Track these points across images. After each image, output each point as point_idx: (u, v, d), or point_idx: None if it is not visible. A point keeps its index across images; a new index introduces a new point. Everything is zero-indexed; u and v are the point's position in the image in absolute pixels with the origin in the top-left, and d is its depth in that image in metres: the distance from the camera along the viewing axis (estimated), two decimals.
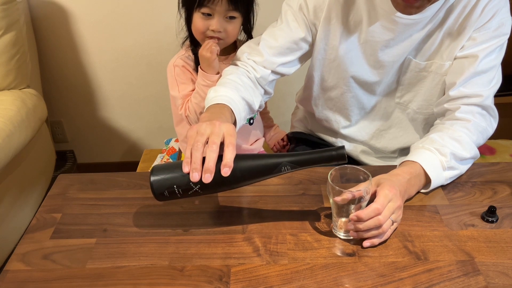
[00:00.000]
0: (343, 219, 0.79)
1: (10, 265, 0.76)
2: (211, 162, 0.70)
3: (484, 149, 1.58)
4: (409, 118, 1.08)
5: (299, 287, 0.71)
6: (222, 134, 0.73)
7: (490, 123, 0.98)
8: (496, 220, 0.83)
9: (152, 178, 0.75)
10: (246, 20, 1.14)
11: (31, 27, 1.74)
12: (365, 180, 0.78)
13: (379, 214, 0.74)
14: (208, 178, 0.70)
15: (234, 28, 1.10)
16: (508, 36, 0.95)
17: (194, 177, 0.70)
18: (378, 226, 0.75)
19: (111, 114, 2.04)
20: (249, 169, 0.74)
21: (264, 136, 1.40)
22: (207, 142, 0.72)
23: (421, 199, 0.88)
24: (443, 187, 0.91)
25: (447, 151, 0.88)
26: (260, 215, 0.85)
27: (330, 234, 0.81)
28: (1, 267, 1.33)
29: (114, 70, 1.91)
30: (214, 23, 1.07)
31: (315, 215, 0.85)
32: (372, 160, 1.17)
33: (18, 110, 1.51)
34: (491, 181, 0.93)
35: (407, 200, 0.87)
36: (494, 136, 1.04)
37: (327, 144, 1.22)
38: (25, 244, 0.81)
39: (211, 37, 1.09)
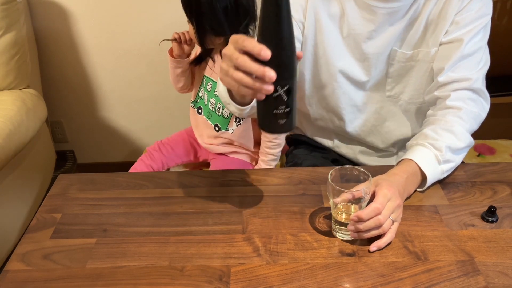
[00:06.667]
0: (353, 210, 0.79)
1: (10, 265, 0.76)
2: (260, 68, 0.62)
3: (484, 149, 1.58)
4: (402, 110, 1.08)
5: (299, 287, 0.71)
6: (241, 45, 0.65)
7: (482, 107, 0.97)
8: (496, 220, 0.83)
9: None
10: (199, 31, 1.16)
11: (31, 27, 1.74)
12: (365, 180, 0.78)
13: (379, 213, 0.74)
14: (270, 73, 0.61)
15: (190, 29, 1.20)
16: (490, 16, 0.95)
17: (269, 76, 0.61)
18: (378, 226, 0.75)
19: (111, 114, 2.04)
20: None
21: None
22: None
23: (421, 199, 0.88)
24: (443, 187, 0.91)
25: (442, 145, 0.88)
26: (260, 215, 0.85)
27: (330, 234, 0.81)
28: (1, 267, 1.33)
29: (114, 70, 1.91)
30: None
31: (315, 215, 0.85)
32: (371, 160, 1.17)
33: (18, 110, 1.51)
34: (491, 181, 0.93)
35: (407, 198, 0.87)
36: (494, 136, 1.04)
37: (325, 148, 1.22)
38: (25, 244, 0.81)
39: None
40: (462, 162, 1.07)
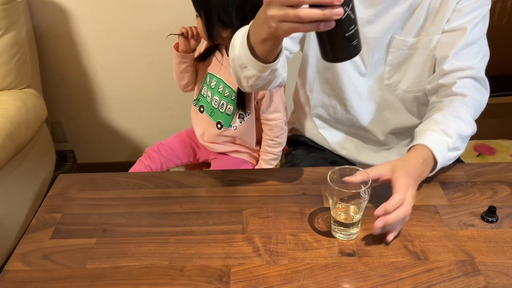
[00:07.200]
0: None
1: (10, 265, 0.76)
2: None
3: (484, 149, 1.58)
4: (399, 99, 1.08)
5: (299, 287, 0.71)
6: None
7: (483, 96, 0.99)
8: (496, 220, 0.83)
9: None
10: (207, 24, 1.16)
11: (31, 27, 1.74)
12: (364, 180, 0.78)
13: (403, 203, 0.75)
14: None
15: (198, 23, 1.20)
16: (489, 6, 0.97)
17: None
18: (405, 217, 0.75)
19: (111, 114, 2.04)
20: None
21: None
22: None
23: (421, 199, 0.88)
24: (443, 187, 0.91)
25: (453, 132, 0.89)
26: (260, 215, 0.85)
27: (330, 234, 0.81)
28: (1, 267, 1.33)
29: (114, 70, 1.91)
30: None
31: (315, 215, 0.85)
32: (371, 158, 1.16)
33: (18, 110, 1.51)
34: (491, 181, 0.93)
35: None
36: (494, 136, 1.04)
37: (324, 149, 1.21)
38: (25, 244, 0.81)
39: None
40: (462, 162, 1.07)
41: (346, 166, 0.81)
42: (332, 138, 1.18)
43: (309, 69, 1.09)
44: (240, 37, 0.80)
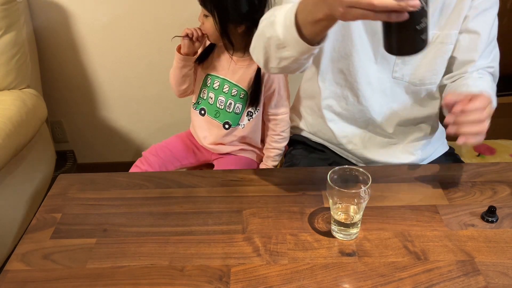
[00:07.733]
0: None
1: (10, 265, 0.76)
2: None
3: (484, 149, 1.58)
4: (408, 92, 1.08)
5: (299, 287, 0.71)
6: None
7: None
8: (496, 220, 0.83)
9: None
10: (222, 23, 1.16)
11: (31, 27, 1.74)
12: (364, 180, 0.78)
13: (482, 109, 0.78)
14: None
15: (207, 24, 1.19)
16: (498, 5, 1.01)
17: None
18: (478, 122, 0.77)
19: (111, 114, 2.04)
20: None
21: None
22: None
23: (421, 199, 0.88)
24: (443, 187, 0.91)
25: (492, 94, 0.95)
26: (260, 215, 0.85)
27: (330, 234, 0.81)
28: (1, 267, 1.33)
29: (114, 70, 1.91)
30: (199, 15, 1.20)
31: (315, 215, 0.85)
32: (375, 153, 1.16)
33: (18, 110, 1.51)
34: (491, 181, 0.93)
35: None
36: (494, 136, 1.05)
37: (324, 150, 1.21)
38: (25, 244, 0.81)
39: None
40: (462, 162, 1.07)
41: (346, 166, 0.81)
42: (340, 131, 1.17)
43: (323, 58, 1.08)
44: (283, 15, 0.78)
